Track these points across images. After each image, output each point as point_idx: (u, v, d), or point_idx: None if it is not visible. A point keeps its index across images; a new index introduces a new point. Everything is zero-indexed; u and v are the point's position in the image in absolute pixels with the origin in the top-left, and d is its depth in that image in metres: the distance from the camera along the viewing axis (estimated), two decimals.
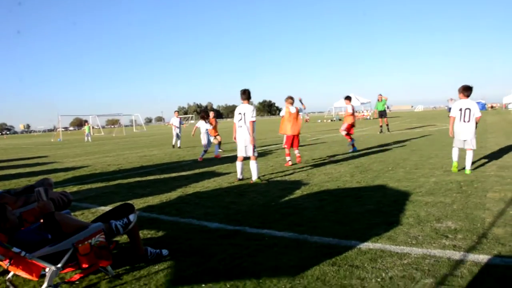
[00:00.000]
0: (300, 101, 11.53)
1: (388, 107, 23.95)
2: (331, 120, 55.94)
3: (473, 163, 8.26)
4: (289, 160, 10.85)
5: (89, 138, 38.18)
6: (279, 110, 11.29)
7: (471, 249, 3.88)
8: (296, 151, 11.17)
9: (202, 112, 14.81)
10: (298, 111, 11.03)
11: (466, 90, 8.17)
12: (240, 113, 8.43)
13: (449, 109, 44.43)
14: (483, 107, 71.18)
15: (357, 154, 12.41)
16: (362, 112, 59.79)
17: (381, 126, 23.41)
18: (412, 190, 6.66)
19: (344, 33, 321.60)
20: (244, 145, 8.43)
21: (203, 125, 13.99)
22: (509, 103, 72.97)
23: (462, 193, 6.27)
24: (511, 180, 7.05)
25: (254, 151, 8.40)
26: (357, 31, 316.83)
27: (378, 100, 23.76)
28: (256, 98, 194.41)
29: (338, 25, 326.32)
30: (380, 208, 5.60)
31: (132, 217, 3.79)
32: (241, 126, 8.41)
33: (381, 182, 7.55)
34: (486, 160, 9.53)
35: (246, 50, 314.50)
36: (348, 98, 13.91)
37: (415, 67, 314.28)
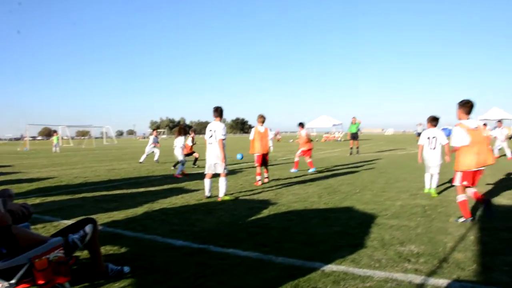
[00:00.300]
0: (277, 134, 11.80)
1: (359, 130, 24.64)
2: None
3: (438, 186, 8.76)
4: (259, 180, 10.88)
5: (57, 148, 37.10)
6: (252, 127, 11.52)
7: (432, 273, 3.94)
8: (265, 175, 11.45)
9: (180, 128, 14.59)
10: (267, 130, 11.25)
11: (433, 120, 8.87)
12: (211, 130, 8.45)
13: (418, 133, 45.53)
14: (449, 133, 72.94)
15: (326, 175, 12.52)
16: (334, 133, 60.48)
17: (351, 148, 23.80)
18: (378, 213, 6.74)
19: (317, 55, 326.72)
20: (213, 162, 8.44)
21: (180, 141, 13.99)
22: None
23: (426, 217, 6.39)
24: (474, 205, 7.23)
25: (224, 168, 8.39)
26: (330, 54, 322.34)
27: (352, 122, 24.12)
28: (229, 116, 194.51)
29: (311, 46, 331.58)
30: (346, 230, 5.63)
31: (88, 228, 3.70)
32: (211, 143, 8.43)
33: (348, 204, 7.62)
34: (450, 185, 9.74)
35: (220, 67, 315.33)
36: (301, 124, 14.48)
37: (386, 92, 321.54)
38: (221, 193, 8.43)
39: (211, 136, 8.43)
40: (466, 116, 6.40)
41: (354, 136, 23.86)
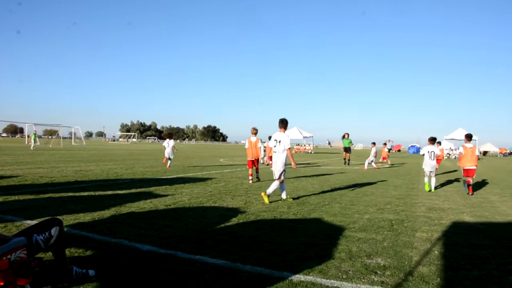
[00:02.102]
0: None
1: (329, 143, 26.94)
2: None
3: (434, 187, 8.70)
4: (251, 180, 13.58)
5: (34, 145, 40.93)
6: (223, 136, 13.54)
7: (397, 286, 4.00)
8: (257, 174, 14.40)
9: (167, 133, 22.42)
10: (258, 140, 14.28)
11: (432, 140, 13.19)
12: (275, 140, 9.42)
13: (388, 149, 46.83)
14: (417, 150, 74.81)
15: (295, 187, 12.59)
16: (304, 145, 61.02)
17: (344, 159, 26.99)
18: (346, 226, 6.81)
19: (291, 69, 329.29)
20: (278, 168, 9.30)
21: (170, 143, 19.87)
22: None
23: (393, 231, 6.49)
24: (438, 222, 7.41)
25: (281, 175, 9.32)
26: (305, 69, 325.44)
27: (345, 137, 27.03)
28: (201, 123, 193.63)
29: (283, 59, 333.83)
30: (314, 241, 5.66)
31: (53, 230, 3.59)
32: (275, 152, 9.38)
33: (317, 216, 7.67)
34: (416, 201, 9.97)
35: (193, 74, 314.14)
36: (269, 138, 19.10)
37: (355, 107, 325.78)
38: (269, 191, 9.15)
39: (276, 145, 9.37)
40: (468, 141, 12.64)
41: (347, 150, 26.90)
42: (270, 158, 13.88)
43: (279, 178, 9.29)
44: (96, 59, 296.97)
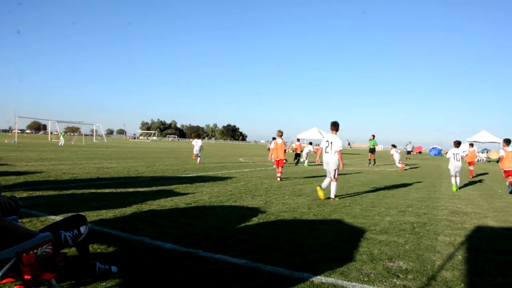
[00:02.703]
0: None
1: (349, 144, 27.61)
2: (292, 151, 56.05)
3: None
4: (279, 176, 14.51)
5: (62, 143, 42.72)
6: (243, 135, 14.16)
7: None
8: (279, 174, 14.60)
9: (196, 133, 23.54)
10: (283, 142, 15.21)
11: (458, 144, 13.91)
12: (327, 141, 10.13)
13: (408, 151, 46.31)
14: (439, 152, 73.80)
15: (315, 188, 12.52)
16: None
17: (369, 159, 29.02)
18: (367, 228, 6.75)
19: (309, 68, 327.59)
20: (330, 168, 10.07)
21: (198, 142, 21.78)
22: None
23: (414, 234, 6.41)
24: (461, 226, 7.28)
25: (335, 175, 10.02)
26: (322, 68, 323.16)
27: (371, 139, 29.37)
28: (220, 122, 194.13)
29: (303, 58, 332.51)
30: (334, 243, 5.62)
31: (83, 229, 3.65)
32: (327, 152, 10.11)
33: (337, 217, 7.62)
34: (439, 204, 9.82)
35: (213, 72, 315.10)
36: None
37: (377, 109, 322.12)
38: (332, 195, 9.93)
39: (328, 146, 10.07)
40: (507, 145, 13.85)
41: (372, 150, 29.07)
42: (282, 155, 14.60)
43: (334, 177, 9.99)
44: (117, 57, 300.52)
